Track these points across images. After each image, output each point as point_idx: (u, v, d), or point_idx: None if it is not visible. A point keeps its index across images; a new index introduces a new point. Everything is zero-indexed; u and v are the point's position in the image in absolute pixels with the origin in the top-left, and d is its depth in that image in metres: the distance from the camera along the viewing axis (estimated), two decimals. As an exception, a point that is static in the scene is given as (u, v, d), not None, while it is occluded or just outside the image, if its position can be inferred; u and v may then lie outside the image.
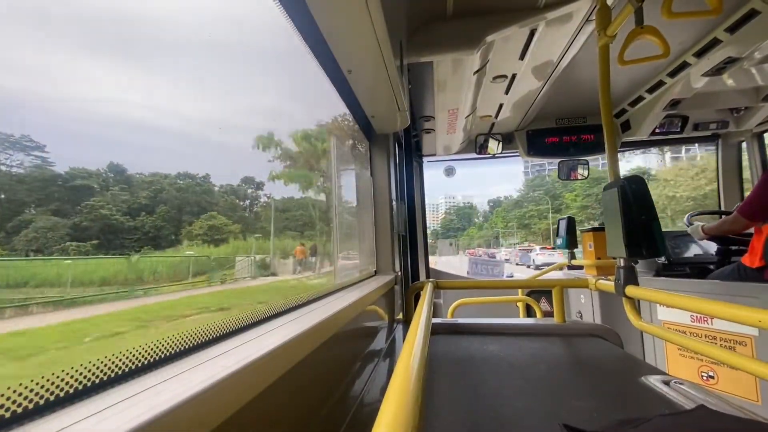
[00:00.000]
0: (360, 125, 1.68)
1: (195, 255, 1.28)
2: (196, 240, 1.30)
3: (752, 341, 1.78)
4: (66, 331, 0.58)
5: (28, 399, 0.30)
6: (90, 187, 0.82)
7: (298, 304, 0.86)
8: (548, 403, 0.82)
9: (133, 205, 1.02)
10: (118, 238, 0.98)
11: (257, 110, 1.18)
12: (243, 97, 1.06)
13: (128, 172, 0.97)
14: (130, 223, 1.02)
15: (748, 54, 1.85)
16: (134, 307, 0.81)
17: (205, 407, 0.35)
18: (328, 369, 0.79)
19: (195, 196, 1.28)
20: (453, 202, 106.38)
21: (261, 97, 1.17)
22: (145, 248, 1.08)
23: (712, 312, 0.83)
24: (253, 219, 1.64)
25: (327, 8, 0.87)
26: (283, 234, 1.77)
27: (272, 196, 1.71)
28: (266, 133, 1.44)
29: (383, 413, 0.32)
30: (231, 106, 0.99)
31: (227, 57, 0.90)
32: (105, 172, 0.89)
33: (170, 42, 0.71)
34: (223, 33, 0.82)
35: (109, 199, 0.92)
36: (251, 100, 1.11)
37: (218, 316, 0.57)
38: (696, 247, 2.61)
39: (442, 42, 1.68)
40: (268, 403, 0.49)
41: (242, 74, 1.05)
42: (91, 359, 0.37)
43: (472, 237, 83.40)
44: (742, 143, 3.07)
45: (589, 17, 1.62)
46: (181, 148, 0.91)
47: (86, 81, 0.56)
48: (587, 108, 2.98)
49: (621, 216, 1.20)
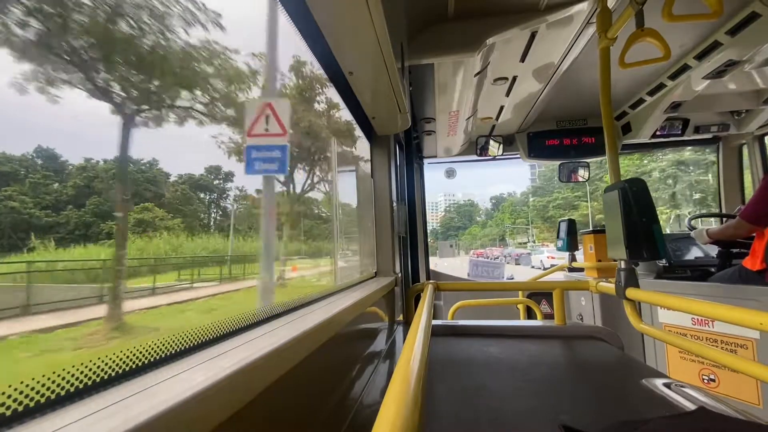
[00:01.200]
0: (361, 127, 1.68)
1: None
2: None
3: (754, 344, 1.77)
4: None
5: (17, 401, 0.30)
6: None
7: (298, 305, 0.86)
8: (548, 406, 0.82)
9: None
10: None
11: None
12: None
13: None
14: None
15: (748, 57, 1.85)
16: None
17: (202, 408, 0.35)
18: (328, 370, 0.79)
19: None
20: (453, 199, 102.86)
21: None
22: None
23: (713, 314, 0.83)
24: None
25: (328, 11, 0.87)
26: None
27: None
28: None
29: (383, 415, 0.32)
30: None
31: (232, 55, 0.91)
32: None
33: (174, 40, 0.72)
34: (228, 33, 0.82)
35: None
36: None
37: (217, 317, 0.57)
38: (697, 250, 2.61)
39: (443, 44, 1.68)
40: (268, 404, 0.49)
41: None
42: (85, 361, 0.37)
43: (475, 236, 77.79)
44: (743, 146, 3.06)
45: (590, 20, 1.63)
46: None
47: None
48: (588, 110, 2.98)
49: (622, 218, 1.19)
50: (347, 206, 1.64)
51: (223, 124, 1.42)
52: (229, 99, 1.43)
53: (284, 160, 1.25)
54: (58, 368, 0.34)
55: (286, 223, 1.81)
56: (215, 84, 1.35)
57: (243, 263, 1.92)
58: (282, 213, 1.92)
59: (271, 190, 1.59)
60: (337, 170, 1.77)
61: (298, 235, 1.79)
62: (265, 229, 1.44)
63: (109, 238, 1.21)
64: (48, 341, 0.90)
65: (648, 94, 2.48)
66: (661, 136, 2.89)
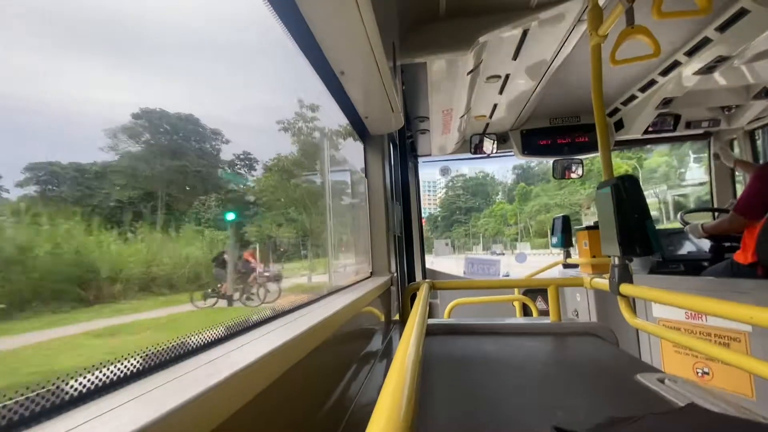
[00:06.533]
0: (354, 126, 1.68)
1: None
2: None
3: (746, 337, 1.79)
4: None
5: (12, 411, 0.30)
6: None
7: (293, 307, 0.86)
8: (544, 402, 0.82)
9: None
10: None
11: (250, 108, 1.18)
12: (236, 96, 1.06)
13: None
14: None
15: (738, 53, 1.86)
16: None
17: (196, 413, 0.34)
18: (324, 371, 0.79)
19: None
20: (456, 175, 66.67)
21: (254, 96, 1.17)
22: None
23: (705, 309, 0.84)
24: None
25: (317, 10, 0.87)
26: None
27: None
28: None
29: (376, 414, 0.32)
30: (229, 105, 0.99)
31: (218, 56, 0.90)
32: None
33: (161, 43, 0.71)
34: (214, 32, 0.82)
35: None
36: (244, 100, 1.11)
37: (212, 321, 0.57)
38: (690, 245, 2.64)
39: (435, 42, 1.68)
40: (264, 406, 0.49)
41: (234, 74, 1.05)
42: (77, 368, 0.37)
43: (501, 217, 48.11)
44: (734, 141, 3.10)
45: (581, 17, 1.63)
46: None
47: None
48: (581, 107, 3.00)
49: (615, 214, 1.20)
50: (342, 206, 1.63)
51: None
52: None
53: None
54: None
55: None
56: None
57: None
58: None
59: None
60: (331, 172, 1.77)
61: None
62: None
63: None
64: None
65: (639, 91, 2.50)
66: (653, 132, 2.92)
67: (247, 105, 2.65)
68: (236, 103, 2.00)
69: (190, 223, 2.54)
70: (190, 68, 1.64)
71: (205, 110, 1.51)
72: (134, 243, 1.60)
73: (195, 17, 1.84)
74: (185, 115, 2.29)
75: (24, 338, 1.07)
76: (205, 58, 1.87)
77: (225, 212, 3.29)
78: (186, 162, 1.79)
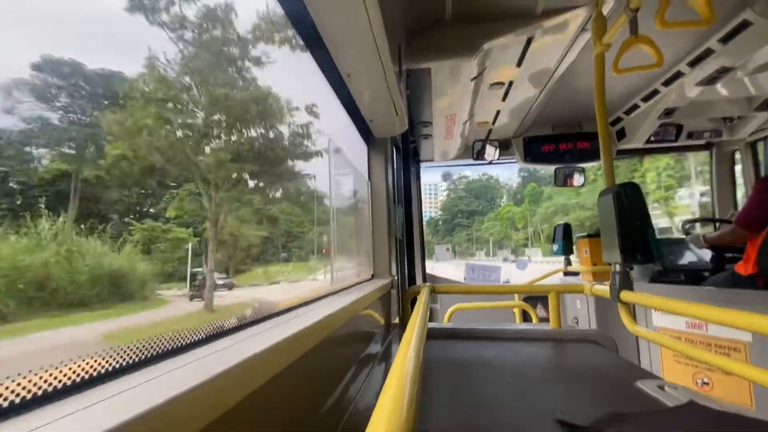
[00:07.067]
0: (358, 129, 1.69)
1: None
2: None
3: (746, 347, 1.78)
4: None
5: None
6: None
7: (292, 306, 0.86)
8: (543, 408, 0.82)
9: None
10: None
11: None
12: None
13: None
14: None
15: (740, 64, 1.88)
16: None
17: (191, 407, 0.34)
18: (323, 372, 0.79)
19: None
20: (459, 177, 61.93)
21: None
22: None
23: (704, 316, 0.84)
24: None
25: (326, 11, 0.88)
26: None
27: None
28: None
29: (376, 417, 0.31)
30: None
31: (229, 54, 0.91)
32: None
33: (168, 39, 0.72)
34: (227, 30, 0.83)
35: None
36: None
37: (207, 318, 0.57)
38: (691, 255, 2.63)
39: (440, 48, 1.69)
40: (258, 405, 0.49)
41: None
42: (75, 358, 0.36)
43: (508, 221, 43.66)
44: (736, 152, 3.10)
45: (585, 26, 1.65)
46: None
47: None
48: (583, 115, 3.01)
49: (616, 222, 1.21)
50: (345, 208, 1.63)
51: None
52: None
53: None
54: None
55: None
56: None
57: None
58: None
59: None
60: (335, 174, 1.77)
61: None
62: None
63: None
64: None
65: (642, 100, 2.51)
66: (655, 141, 2.93)
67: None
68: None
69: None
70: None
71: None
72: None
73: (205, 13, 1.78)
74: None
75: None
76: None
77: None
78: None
